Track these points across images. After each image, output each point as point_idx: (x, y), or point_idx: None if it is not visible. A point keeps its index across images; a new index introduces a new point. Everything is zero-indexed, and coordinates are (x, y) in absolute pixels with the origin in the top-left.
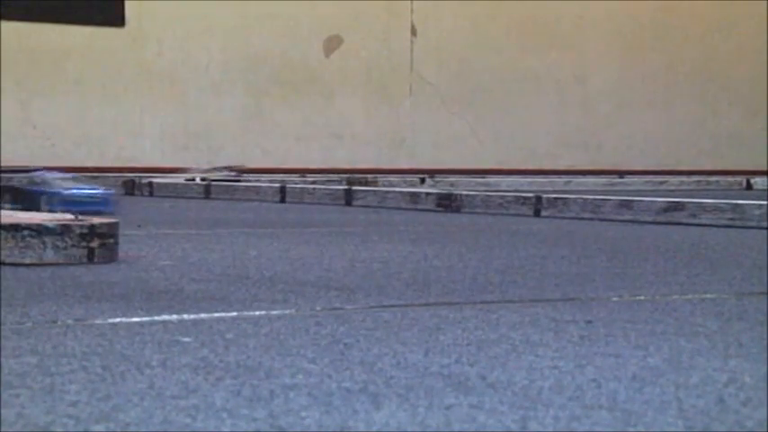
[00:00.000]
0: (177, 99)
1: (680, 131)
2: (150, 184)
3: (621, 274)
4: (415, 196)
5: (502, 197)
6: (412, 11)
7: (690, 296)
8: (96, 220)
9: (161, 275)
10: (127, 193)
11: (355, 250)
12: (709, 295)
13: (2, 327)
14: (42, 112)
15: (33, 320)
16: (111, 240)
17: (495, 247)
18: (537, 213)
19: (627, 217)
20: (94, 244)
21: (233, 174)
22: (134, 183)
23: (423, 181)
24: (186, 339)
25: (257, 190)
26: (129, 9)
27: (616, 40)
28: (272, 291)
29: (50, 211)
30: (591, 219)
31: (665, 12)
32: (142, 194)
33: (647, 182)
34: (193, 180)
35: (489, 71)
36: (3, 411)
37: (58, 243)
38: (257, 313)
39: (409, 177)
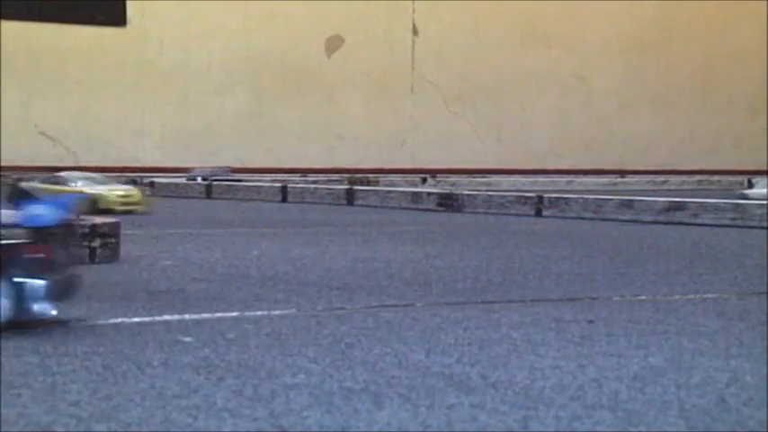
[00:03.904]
0: (179, 99)
1: (681, 131)
2: (152, 183)
3: (623, 273)
4: (416, 196)
5: (503, 197)
6: (413, 11)
7: (691, 296)
8: (98, 219)
9: (162, 275)
10: None
11: (357, 250)
12: (710, 295)
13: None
14: (44, 111)
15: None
16: (113, 240)
17: (497, 247)
18: (538, 213)
19: (628, 217)
20: (96, 244)
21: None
22: (135, 182)
23: (424, 180)
24: (187, 339)
25: (258, 190)
26: (131, 9)
27: (617, 40)
28: (274, 290)
29: None
30: (592, 218)
31: (665, 12)
32: (143, 194)
33: (648, 181)
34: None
35: (490, 71)
36: (4, 411)
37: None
38: (259, 313)
39: (410, 177)
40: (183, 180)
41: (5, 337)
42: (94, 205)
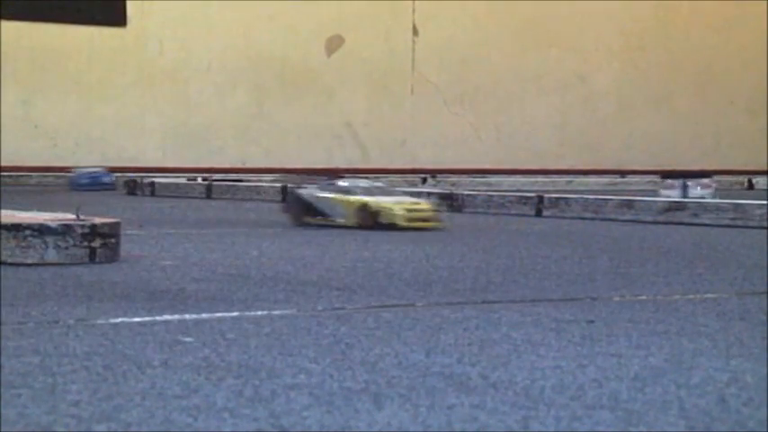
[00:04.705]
0: (179, 99)
1: (681, 131)
2: (152, 183)
3: (623, 273)
4: (416, 196)
5: (503, 197)
6: (413, 11)
7: (691, 296)
8: (98, 219)
9: (162, 275)
10: (129, 193)
11: (357, 250)
12: (710, 295)
13: (3, 326)
14: (44, 111)
15: (35, 320)
16: (113, 240)
17: (497, 247)
18: (538, 213)
19: (628, 217)
20: (96, 244)
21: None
22: (135, 182)
23: (424, 181)
24: (188, 339)
25: (259, 190)
26: (131, 9)
27: (617, 40)
28: (274, 290)
29: None
30: (592, 218)
31: (665, 12)
32: (144, 194)
33: (648, 181)
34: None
35: (491, 71)
36: (4, 411)
37: (60, 243)
38: (259, 313)
39: (411, 177)
40: (183, 180)
41: (5, 337)
42: (374, 218)
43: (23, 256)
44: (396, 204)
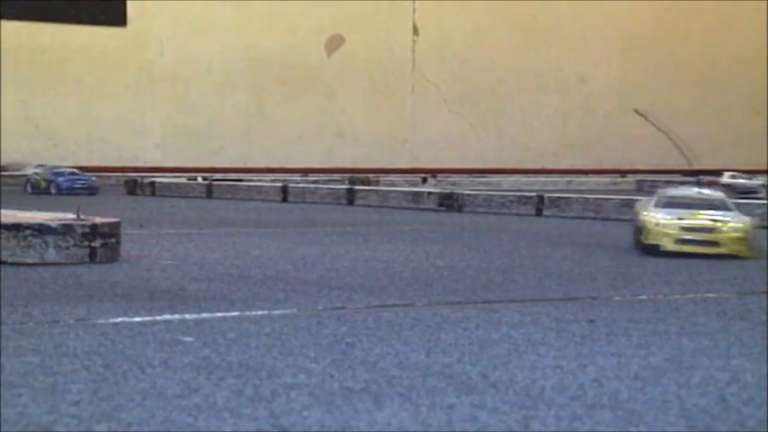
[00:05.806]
0: (179, 99)
1: (681, 131)
2: (152, 183)
3: (623, 273)
4: (416, 196)
5: (503, 197)
6: (413, 11)
7: (691, 295)
8: (98, 219)
9: (163, 275)
10: (129, 193)
11: (357, 250)
12: (710, 294)
13: (3, 326)
14: (44, 111)
15: (35, 320)
16: (113, 240)
17: (497, 247)
18: (539, 213)
19: (629, 216)
20: (96, 243)
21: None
22: (136, 182)
23: (424, 180)
24: (188, 339)
25: (259, 190)
26: (131, 9)
27: (617, 40)
28: (274, 290)
29: None
30: (593, 218)
31: (665, 12)
32: (144, 194)
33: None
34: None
35: (491, 71)
36: (4, 411)
37: (60, 243)
38: (259, 313)
39: (411, 177)
40: (183, 180)
41: (5, 337)
42: (638, 238)
43: (23, 256)
44: (670, 220)
